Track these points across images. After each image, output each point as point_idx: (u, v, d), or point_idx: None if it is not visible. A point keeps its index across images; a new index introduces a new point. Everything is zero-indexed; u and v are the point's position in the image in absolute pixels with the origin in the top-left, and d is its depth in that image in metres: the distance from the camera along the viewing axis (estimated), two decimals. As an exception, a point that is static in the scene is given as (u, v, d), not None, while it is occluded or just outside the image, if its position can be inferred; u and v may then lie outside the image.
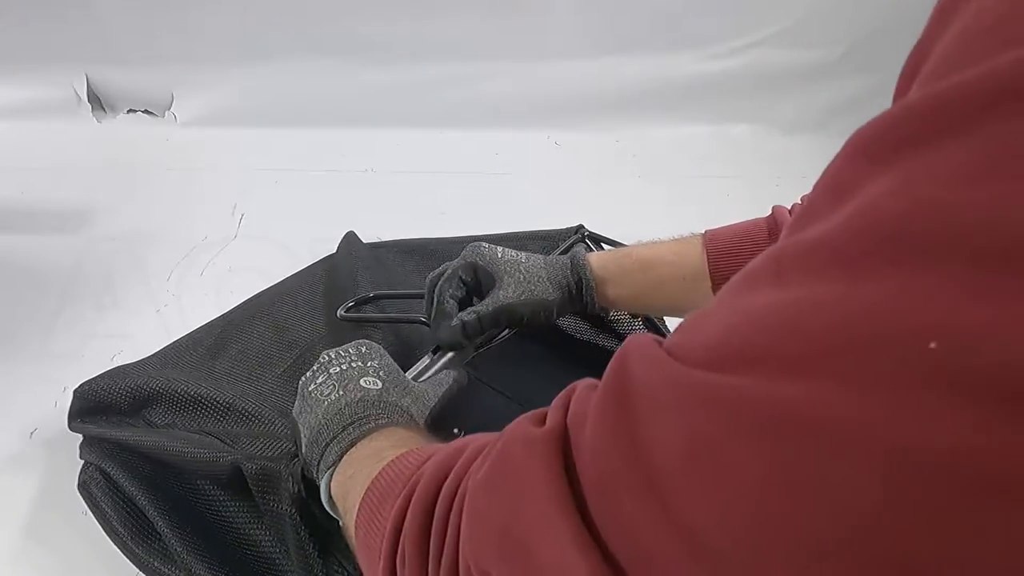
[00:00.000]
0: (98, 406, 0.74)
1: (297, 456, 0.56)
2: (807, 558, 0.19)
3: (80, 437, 0.75)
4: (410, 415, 0.52)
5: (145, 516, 0.67)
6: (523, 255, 0.68)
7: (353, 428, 0.48)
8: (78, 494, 0.71)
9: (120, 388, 0.74)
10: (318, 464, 0.49)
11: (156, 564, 0.65)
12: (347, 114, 1.40)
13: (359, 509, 0.40)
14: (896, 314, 0.18)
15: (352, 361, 0.53)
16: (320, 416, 0.50)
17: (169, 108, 1.41)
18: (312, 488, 0.56)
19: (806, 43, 1.40)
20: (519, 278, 0.66)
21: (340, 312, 0.76)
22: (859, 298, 0.19)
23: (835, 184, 0.22)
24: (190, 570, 0.62)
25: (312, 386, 0.53)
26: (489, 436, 0.34)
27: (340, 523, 0.48)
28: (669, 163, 1.37)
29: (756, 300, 0.22)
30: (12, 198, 1.20)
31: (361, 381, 0.51)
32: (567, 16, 1.36)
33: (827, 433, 0.18)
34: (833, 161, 0.23)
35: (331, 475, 0.47)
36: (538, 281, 0.66)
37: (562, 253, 0.74)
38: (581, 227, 0.82)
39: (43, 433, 0.84)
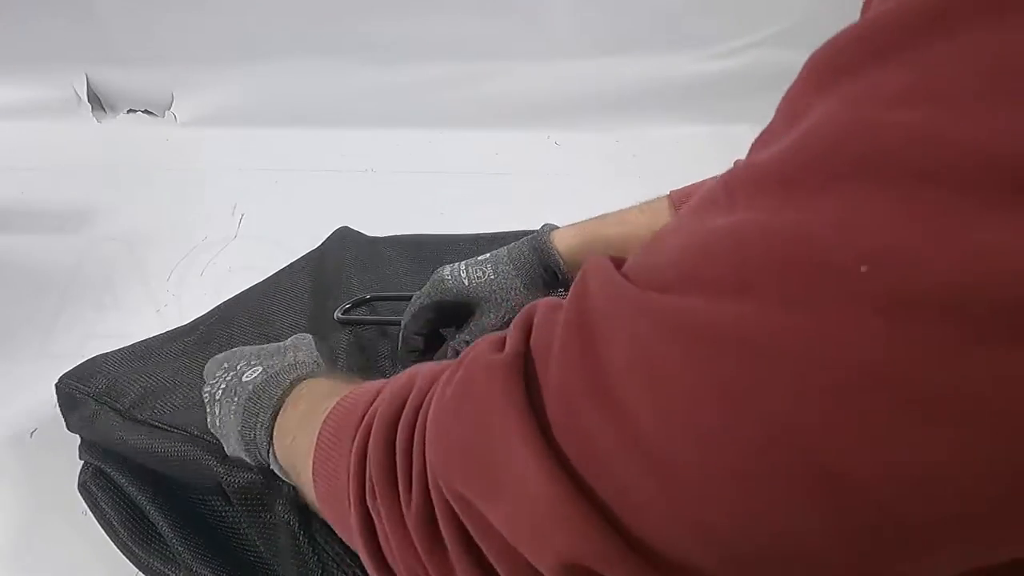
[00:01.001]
0: (78, 400, 0.74)
1: None
2: (739, 463, 0.20)
3: (80, 437, 0.75)
4: (311, 364, 0.51)
5: (146, 516, 0.66)
6: (489, 267, 0.65)
7: (261, 407, 0.47)
8: (78, 494, 0.71)
9: (98, 382, 0.73)
10: (256, 452, 0.48)
11: (156, 564, 0.65)
12: (347, 114, 1.40)
13: (313, 466, 0.39)
14: (829, 237, 0.19)
15: (225, 376, 0.52)
16: (236, 428, 0.49)
17: (169, 108, 1.41)
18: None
19: (806, 43, 1.38)
20: (496, 300, 0.64)
21: (337, 314, 0.76)
22: (797, 220, 0.20)
23: (789, 108, 0.23)
24: (191, 570, 0.62)
25: (217, 421, 0.52)
26: (439, 365, 0.34)
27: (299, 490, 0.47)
28: (669, 163, 1.36)
29: (707, 223, 0.23)
30: (12, 198, 1.20)
31: (243, 378, 0.51)
32: (567, 16, 1.36)
33: (754, 347, 0.20)
34: (791, 85, 0.24)
35: (272, 454, 0.47)
36: (515, 293, 0.64)
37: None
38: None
39: (43, 433, 0.84)
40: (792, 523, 0.20)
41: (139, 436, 0.67)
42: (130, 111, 1.42)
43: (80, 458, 0.74)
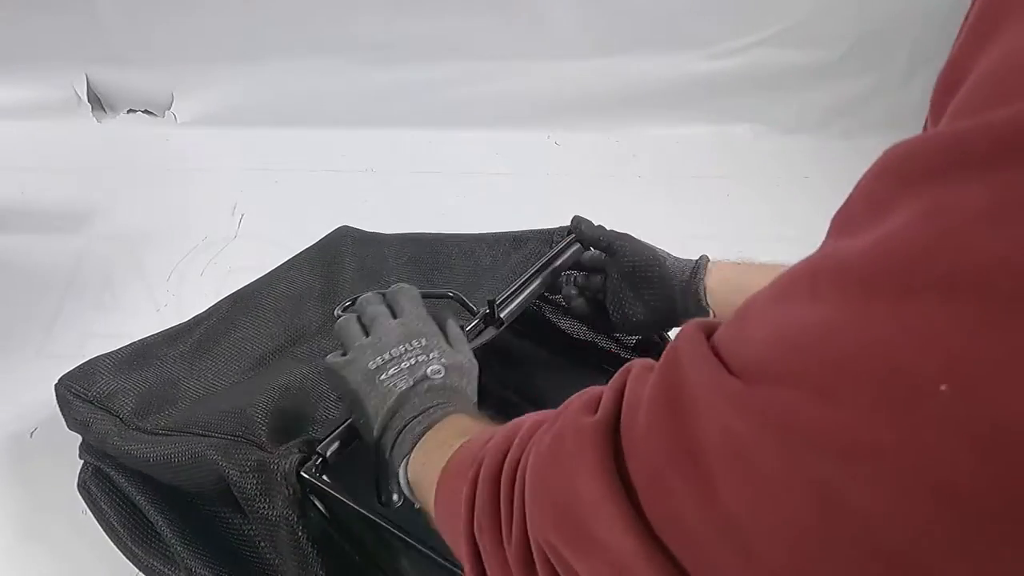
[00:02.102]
0: (76, 403, 0.73)
1: (288, 457, 0.56)
2: (817, 552, 0.21)
3: (80, 437, 0.75)
4: (467, 396, 0.57)
5: (145, 516, 0.66)
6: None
7: (423, 417, 0.52)
8: (78, 494, 0.71)
9: (97, 386, 0.73)
10: (391, 450, 0.53)
11: (155, 564, 0.65)
12: (347, 114, 1.40)
13: (436, 494, 0.45)
14: (911, 349, 0.19)
15: (418, 355, 0.56)
16: (392, 404, 0.54)
17: (169, 108, 1.41)
18: (308, 487, 0.56)
19: (806, 43, 1.40)
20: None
21: (337, 311, 0.76)
22: (880, 326, 0.20)
23: (870, 199, 0.23)
24: (190, 570, 0.62)
25: (384, 375, 0.56)
26: (543, 413, 0.37)
27: (416, 506, 0.52)
28: (669, 163, 1.37)
29: (792, 313, 0.23)
30: (12, 198, 1.20)
31: (427, 370, 0.55)
32: (567, 16, 1.36)
33: (852, 453, 0.20)
34: (867, 174, 0.24)
35: (407, 463, 0.52)
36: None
37: (567, 259, 0.74)
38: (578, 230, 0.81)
39: (43, 433, 0.84)
40: None
41: (137, 444, 0.66)
42: (130, 111, 1.42)
43: (80, 457, 0.74)
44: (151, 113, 1.42)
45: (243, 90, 1.40)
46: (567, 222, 0.76)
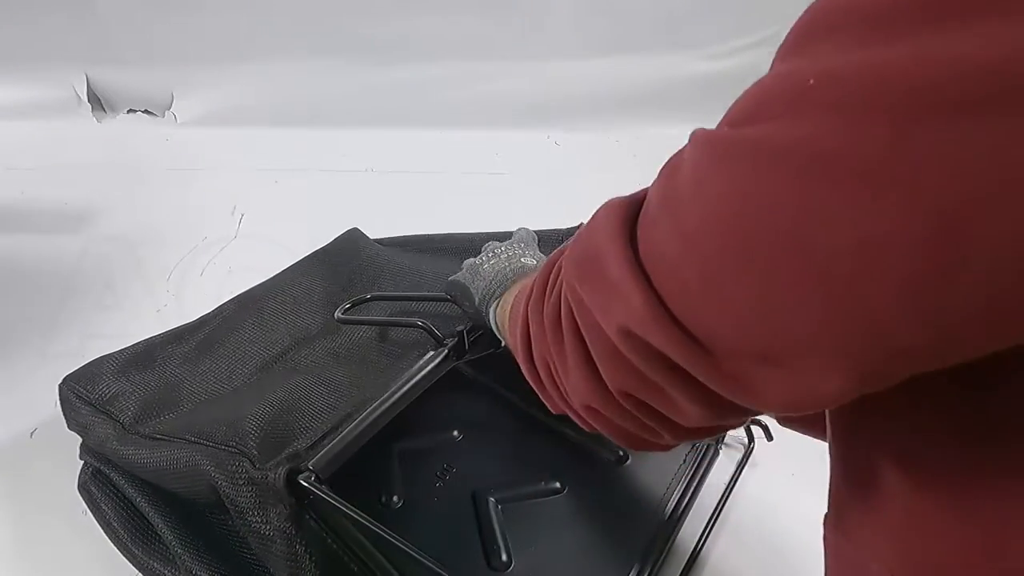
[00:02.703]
0: (77, 405, 0.73)
1: (277, 470, 0.56)
2: (751, 249, 0.26)
3: (79, 438, 0.75)
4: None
5: (145, 517, 0.66)
6: None
7: (511, 282, 0.61)
8: (78, 494, 0.71)
9: (99, 389, 0.73)
10: (488, 303, 0.62)
11: (155, 565, 0.65)
12: (347, 114, 1.40)
13: (508, 314, 0.55)
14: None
15: (515, 249, 0.66)
16: (491, 276, 0.63)
17: (169, 108, 1.41)
18: (304, 499, 0.56)
19: (806, 43, 1.40)
20: None
21: (337, 314, 0.76)
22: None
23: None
24: (191, 572, 0.62)
25: (486, 265, 0.65)
26: None
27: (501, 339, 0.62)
28: (669, 163, 1.37)
29: (771, 68, 0.28)
30: (12, 198, 1.20)
31: (521, 259, 0.64)
32: (567, 16, 1.36)
33: (766, 156, 0.25)
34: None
35: (496, 307, 0.61)
36: None
37: None
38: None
39: (43, 433, 0.84)
40: (792, 307, 0.25)
41: (135, 448, 0.66)
42: (130, 111, 1.42)
43: (80, 458, 0.74)
44: (151, 113, 1.42)
45: (243, 90, 1.40)
46: (567, 222, 0.76)
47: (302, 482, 0.55)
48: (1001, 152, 0.20)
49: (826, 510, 0.38)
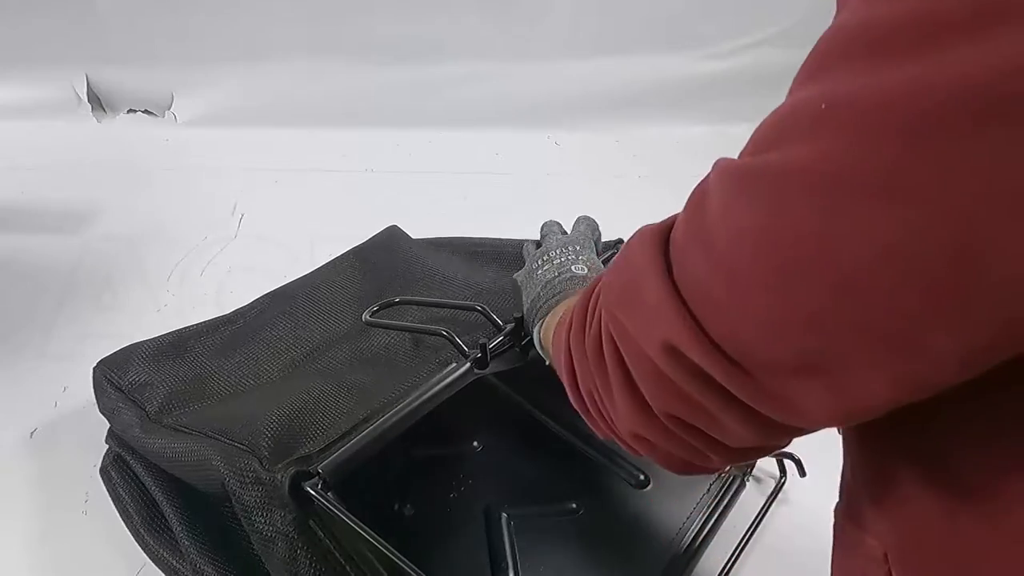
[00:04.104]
0: (107, 390, 0.73)
1: (285, 472, 0.57)
2: (778, 263, 0.27)
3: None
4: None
5: (158, 507, 0.66)
6: None
7: (559, 296, 0.63)
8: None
9: (129, 376, 0.73)
10: (534, 319, 0.65)
11: (165, 555, 0.65)
12: (347, 114, 1.40)
13: (552, 336, 0.56)
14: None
15: (568, 256, 0.68)
16: (539, 289, 0.66)
17: (169, 108, 1.41)
18: (308, 505, 0.56)
19: (806, 43, 1.39)
20: None
21: (365, 316, 0.75)
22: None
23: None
24: (196, 567, 0.62)
25: (540, 269, 0.68)
26: None
27: (547, 362, 0.62)
28: (669, 163, 1.37)
29: (788, 98, 0.29)
30: (12, 198, 1.20)
31: (572, 267, 0.66)
32: (567, 16, 1.36)
33: (788, 180, 0.26)
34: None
35: (540, 326, 0.63)
36: None
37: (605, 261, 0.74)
38: (620, 241, 0.80)
39: (43, 433, 0.84)
40: (822, 315, 0.26)
41: (157, 438, 0.66)
42: (130, 111, 1.42)
43: (105, 442, 0.74)
44: (151, 113, 1.42)
45: (243, 90, 1.40)
46: (567, 222, 0.76)
47: (308, 489, 0.55)
48: (1003, 160, 0.21)
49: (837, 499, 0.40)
